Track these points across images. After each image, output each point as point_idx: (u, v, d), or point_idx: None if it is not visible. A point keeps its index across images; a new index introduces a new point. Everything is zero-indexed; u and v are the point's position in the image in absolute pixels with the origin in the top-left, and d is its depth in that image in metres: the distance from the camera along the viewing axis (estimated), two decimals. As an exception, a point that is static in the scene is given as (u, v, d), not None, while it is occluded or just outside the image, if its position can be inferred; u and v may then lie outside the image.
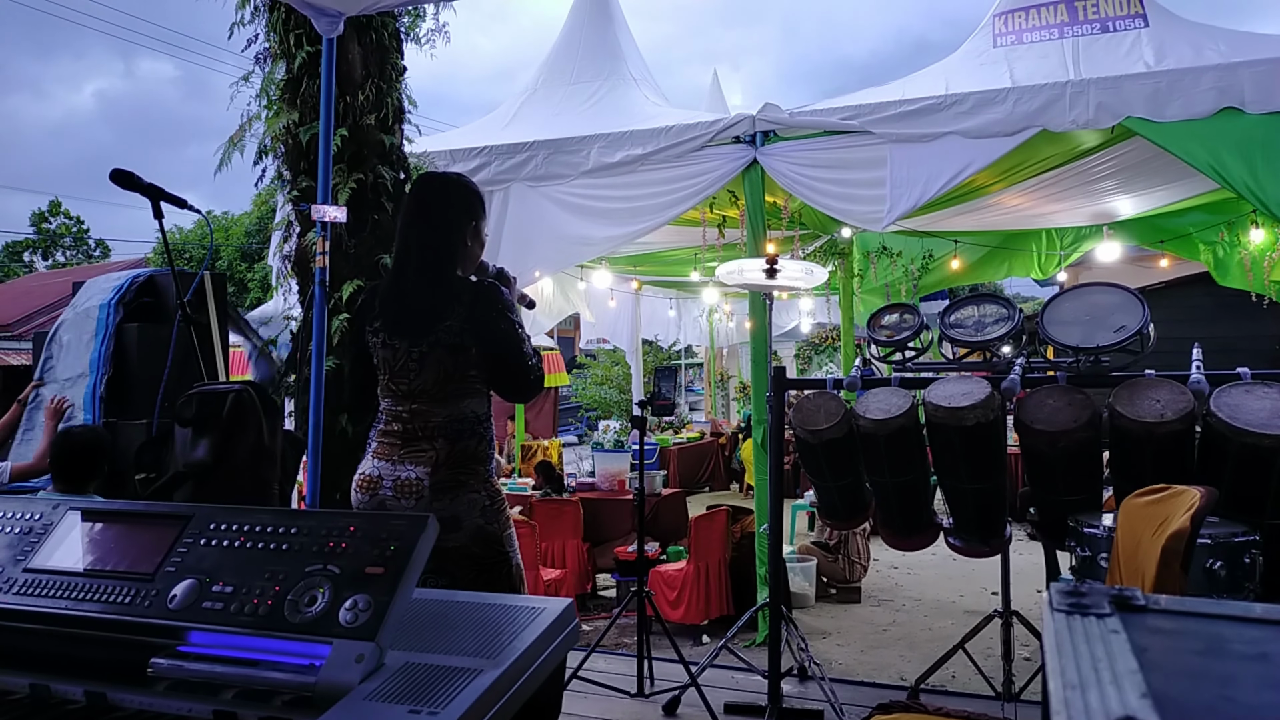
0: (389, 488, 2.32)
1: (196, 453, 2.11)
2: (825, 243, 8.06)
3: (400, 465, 2.32)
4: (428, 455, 2.31)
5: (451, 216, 2.43)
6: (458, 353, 2.32)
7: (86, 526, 1.30)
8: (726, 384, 16.11)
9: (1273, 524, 2.54)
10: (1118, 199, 6.71)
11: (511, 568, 2.40)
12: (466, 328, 2.31)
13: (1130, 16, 5.03)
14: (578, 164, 5.22)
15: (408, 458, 2.32)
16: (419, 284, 2.38)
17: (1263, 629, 0.76)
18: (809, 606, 5.59)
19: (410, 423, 2.34)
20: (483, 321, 2.33)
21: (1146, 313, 3.01)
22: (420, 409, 2.34)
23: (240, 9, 3.71)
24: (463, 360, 2.33)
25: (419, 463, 2.31)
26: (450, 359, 2.32)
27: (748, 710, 3.69)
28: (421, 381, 2.33)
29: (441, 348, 2.32)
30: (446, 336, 2.32)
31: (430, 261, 2.39)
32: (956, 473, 3.22)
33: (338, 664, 1.02)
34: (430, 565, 2.25)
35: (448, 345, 2.32)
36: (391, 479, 2.32)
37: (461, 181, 2.53)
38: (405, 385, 2.36)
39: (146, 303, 3.66)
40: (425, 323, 2.33)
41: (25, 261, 29.84)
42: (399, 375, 2.37)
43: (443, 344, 2.32)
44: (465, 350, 2.32)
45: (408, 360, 2.35)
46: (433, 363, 2.32)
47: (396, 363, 2.36)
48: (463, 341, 2.32)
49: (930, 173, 4.57)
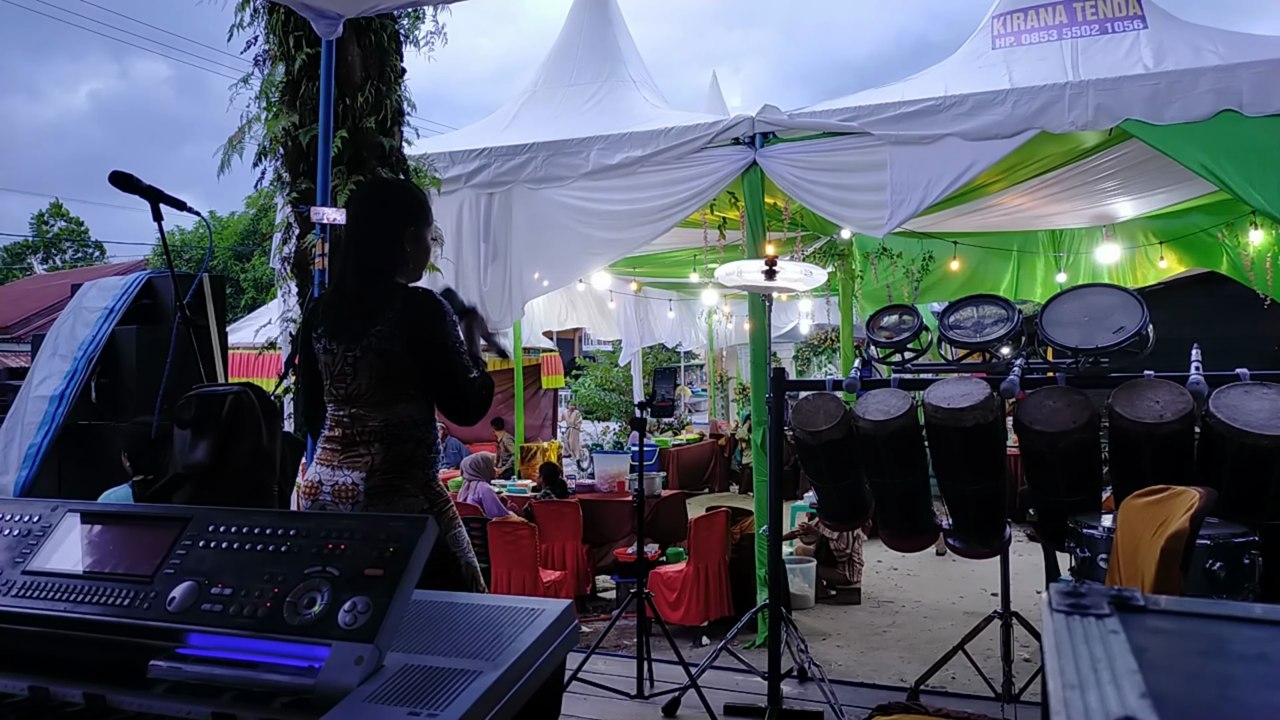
0: (328, 492, 2.34)
1: (196, 455, 2.11)
2: (825, 244, 8.07)
3: (338, 470, 2.33)
4: (364, 460, 2.32)
5: (388, 222, 2.43)
6: (388, 358, 2.31)
7: (85, 528, 1.30)
8: (726, 385, 16.11)
9: (1272, 525, 2.54)
10: (1118, 200, 6.72)
11: (461, 567, 2.40)
12: (397, 333, 2.30)
13: (1129, 18, 5.04)
14: (577, 166, 5.23)
15: (345, 463, 2.33)
16: (355, 289, 2.39)
17: (1262, 629, 0.76)
18: (809, 608, 5.59)
19: (350, 427, 2.35)
20: (412, 327, 2.31)
21: (1145, 314, 3.01)
22: (357, 413, 2.35)
23: (240, 11, 3.71)
24: (394, 365, 2.32)
25: (355, 467, 2.32)
26: (381, 363, 2.31)
27: (748, 712, 3.68)
28: (357, 385, 2.34)
29: (373, 352, 2.31)
30: (377, 341, 2.31)
31: (366, 266, 2.39)
32: (956, 474, 3.22)
33: (337, 666, 1.02)
34: None
35: (378, 350, 2.31)
36: (330, 484, 2.33)
37: (400, 186, 2.54)
38: (343, 390, 2.36)
39: (145, 304, 3.66)
40: (358, 327, 2.33)
41: (25, 265, 29.85)
42: (337, 380, 2.37)
43: (374, 349, 2.31)
44: (395, 355, 2.31)
45: (344, 365, 2.35)
46: (365, 367, 2.32)
47: (335, 367, 2.37)
48: (392, 347, 2.30)
49: (930, 177, 4.57)
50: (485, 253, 5.35)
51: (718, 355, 14.95)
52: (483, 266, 5.37)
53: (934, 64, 5.63)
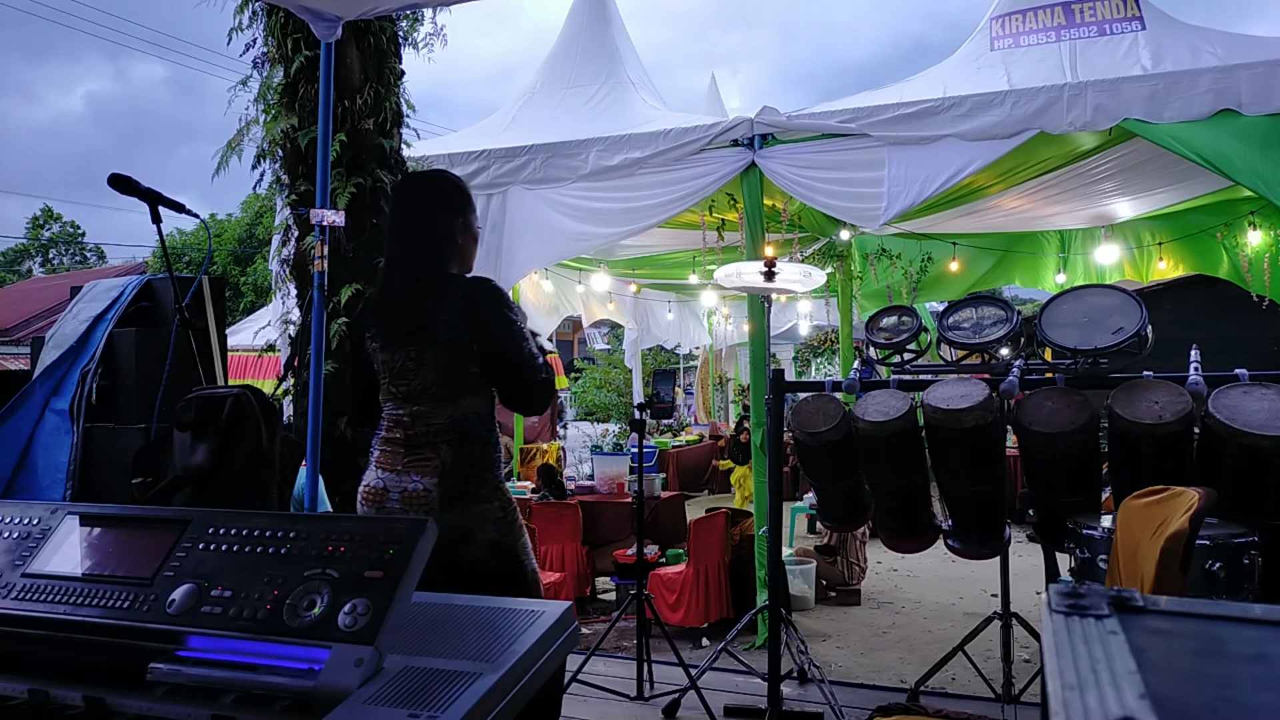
0: (395, 500, 2.26)
1: (195, 457, 2.10)
2: (824, 245, 8.06)
3: (405, 476, 2.26)
4: (433, 464, 2.26)
5: (435, 214, 2.39)
6: (455, 349, 2.26)
7: (85, 531, 1.30)
8: (725, 386, 16.10)
9: (1271, 525, 2.54)
10: (1117, 201, 6.72)
11: (527, 574, 2.37)
12: (462, 322, 2.26)
13: (1127, 19, 5.04)
14: (576, 167, 5.23)
15: (412, 467, 2.26)
16: (407, 285, 2.35)
17: (1261, 630, 0.76)
18: (808, 609, 5.59)
19: (412, 427, 2.29)
20: (478, 316, 2.27)
21: (1144, 314, 3.01)
22: (421, 410, 2.29)
23: (239, 14, 3.72)
24: (461, 357, 2.27)
25: (425, 472, 2.25)
26: (448, 356, 2.27)
27: (748, 713, 3.68)
28: (421, 381, 2.29)
29: (438, 345, 2.26)
30: (443, 333, 2.26)
31: (418, 262, 2.35)
32: (955, 475, 3.22)
33: (337, 668, 1.02)
34: (443, 578, 2.22)
35: (444, 342, 2.26)
36: (398, 491, 2.26)
37: (444, 178, 2.49)
38: (405, 387, 2.31)
39: (144, 307, 3.65)
40: (420, 321, 2.29)
41: (24, 270, 29.85)
42: (398, 377, 2.32)
43: (439, 340, 2.26)
44: (462, 346, 2.26)
45: (406, 361, 2.30)
46: (431, 361, 2.28)
47: (395, 364, 2.32)
48: (459, 337, 2.26)
49: (928, 172, 4.58)
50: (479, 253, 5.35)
51: (716, 355, 14.94)
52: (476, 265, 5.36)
53: (932, 65, 5.63)
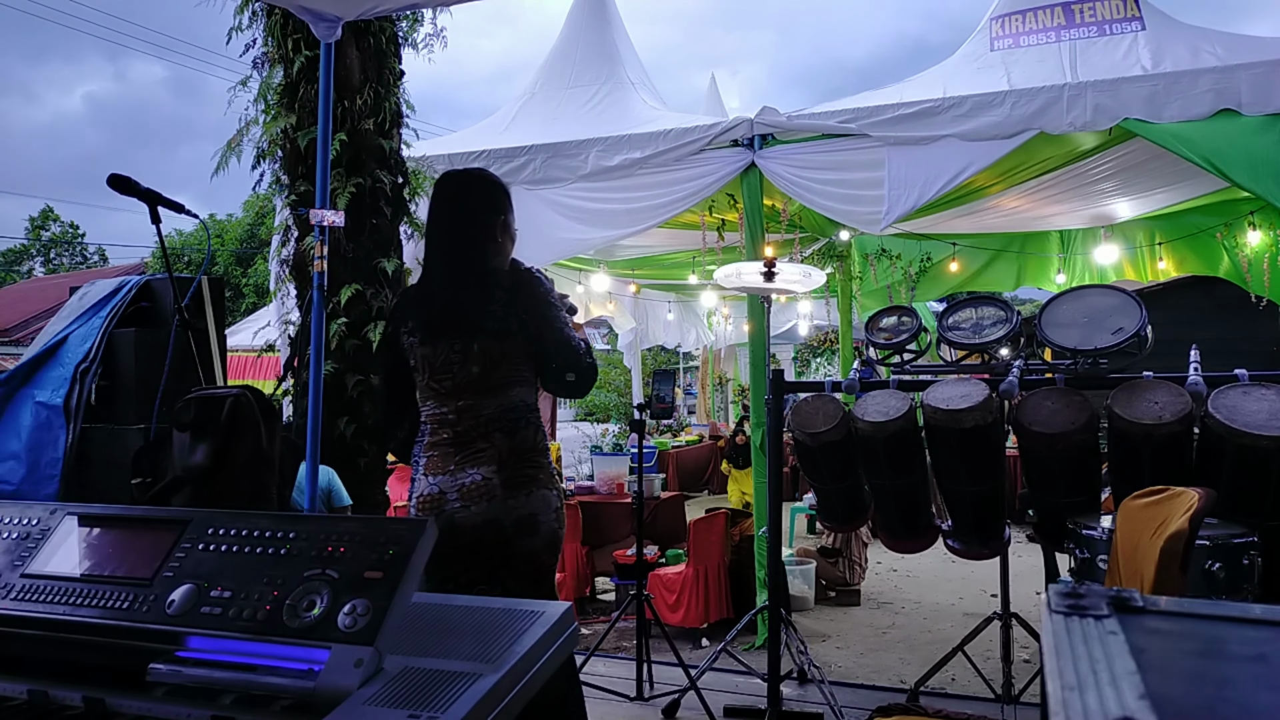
0: (455, 499, 2.21)
1: (194, 457, 2.10)
2: (824, 245, 8.07)
3: (461, 473, 2.22)
4: (488, 453, 2.22)
5: (476, 210, 2.38)
6: (503, 339, 2.26)
7: (84, 531, 1.30)
8: (725, 386, 16.10)
9: (1271, 525, 2.54)
10: (1117, 201, 6.72)
11: (554, 578, 2.37)
12: (510, 313, 2.26)
13: (1127, 20, 5.04)
14: (576, 168, 5.23)
15: (467, 462, 2.22)
16: (449, 280, 2.33)
17: (1261, 630, 0.76)
18: (808, 609, 5.59)
19: (459, 423, 2.26)
20: (526, 306, 2.27)
21: (1144, 314, 3.01)
22: (467, 404, 2.26)
23: (238, 14, 3.72)
24: (509, 346, 2.26)
25: (481, 463, 2.21)
26: (496, 346, 2.26)
27: (747, 713, 3.68)
28: (466, 373, 2.26)
29: (485, 335, 2.25)
30: (490, 323, 2.25)
31: (459, 256, 2.33)
32: (955, 475, 3.22)
33: (337, 669, 1.02)
34: (485, 576, 2.22)
35: (492, 332, 2.25)
36: (455, 490, 2.21)
37: (486, 176, 2.48)
38: (449, 381, 2.28)
39: (143, 307, 3.65)
40: (464, 313, 2.28)
41: (24, 271, 29.85)
42: (441, 372, 2.29)
43: (486, 331, 2.25)
44: (510, 336, 2.26)
45: (449, 354, 2.28)
46: (477, 353, 2.26)
47: (438, 359, 2.29)
48: (507, 327, 2.25)
49: (929, 174, 4.58)
50: None
51: (716, 355, 14.94)
52: None
53: (932, 66, 5.63)
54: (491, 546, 2.22)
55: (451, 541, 2.21)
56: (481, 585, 2.22)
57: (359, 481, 3.56)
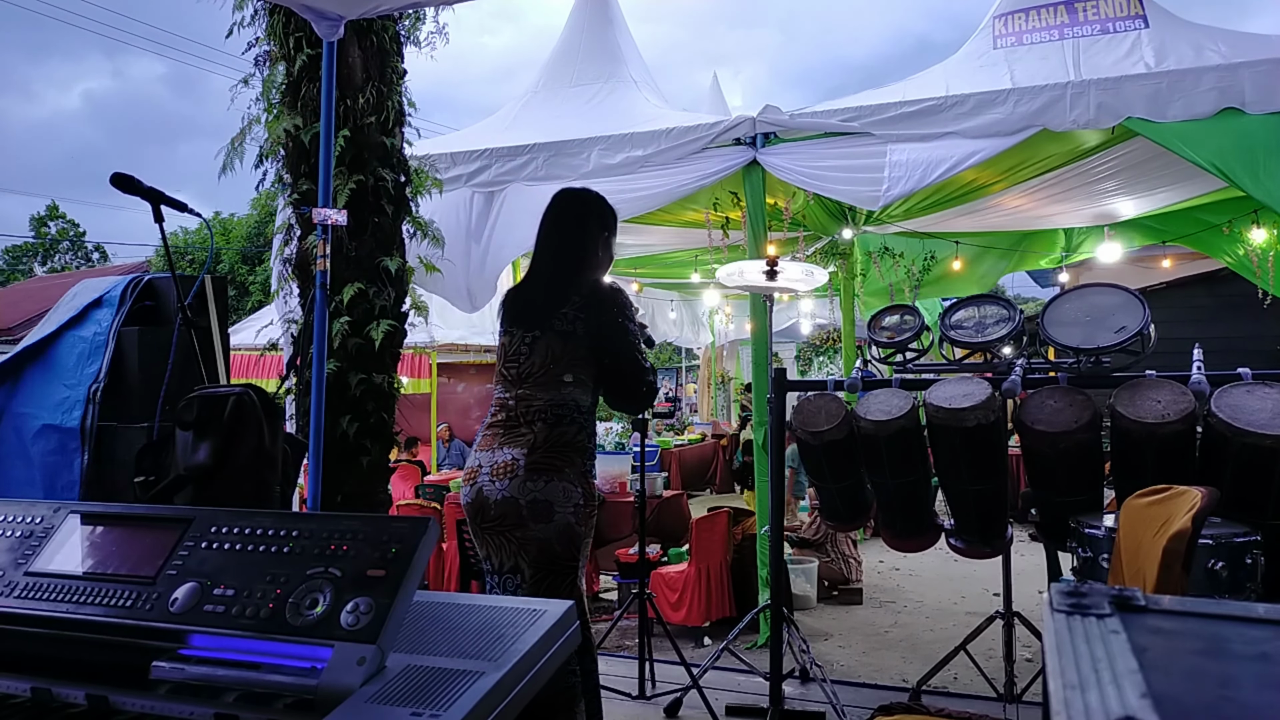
0: (486, 472, 2.38)
1: (197, 456, 2.11)
2: (826, 244, 8.06)
3: (499, 450, 2.39)
4: (526, 439, 2.38)
5: (586, 223, 2.59)
6: (567, 339, 2.42)
7: (87, 530, 1.30)
8: (727, 385, 16.09)
9: (1274, 524, 2.54)
10: (1120, 200, 6.71)
11: (578, 578, 2.40)
12: (580, 316, 2.43)
13: (1130, 18, 5.03)
14: (578, 166, 5.22)
15: (507, 442, 2.39)
16: (543, 279, 2.54)
17: (1264, 629, 0.76)
18: (810, 608, 5.59)
19: (515, 409, 2.42)
20: (597, 314, 2.44)
21: (1147, 313, 3.01)
22: (524, 393, 2.43)
23: (239, 10, 3.71)
24: (571, 348, 2.42)
25: (516, 445, 2.38)
26: (559, 344, 2.42)
27: (749, 712, 3.69)
28: (529, 365, 2.44)
29: (552, 332, 2.43)
30: (559, 323, 2.43)
31: (560, 260, 2.54)
32: (957, 474, 3.22)
33: (339, 667, 1.02)
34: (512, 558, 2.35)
35: (559, 331, 2.43)
36: (489, 465, 2.39)
37: (598, 196, 2.69)
38: (515, 369, 2.46)
39: (147, 306, 3.65)
40: (542, 309, 2.46)
41: (26, 269, 29.88)
42: (511, 360, 2.48)
43: (554, 329, 2.43)
44: (575, 338, 2.42)
45: (520, 344, 2.47)
46: (542, 347, 2.43)
47: (511, 347, 2.49)
48: (574, 329, 2.42)
49: (931, 159, 4.58)
50: (476, 251, 5.33)
51: (718, 352, 14.93)
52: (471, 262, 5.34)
53: (935, 64, 5.62)
54: (511, 526, 2.36)
55: (480, 515, 2.39)
56: (508, 572, 2.39)
57: (361, 480, 3.56)
